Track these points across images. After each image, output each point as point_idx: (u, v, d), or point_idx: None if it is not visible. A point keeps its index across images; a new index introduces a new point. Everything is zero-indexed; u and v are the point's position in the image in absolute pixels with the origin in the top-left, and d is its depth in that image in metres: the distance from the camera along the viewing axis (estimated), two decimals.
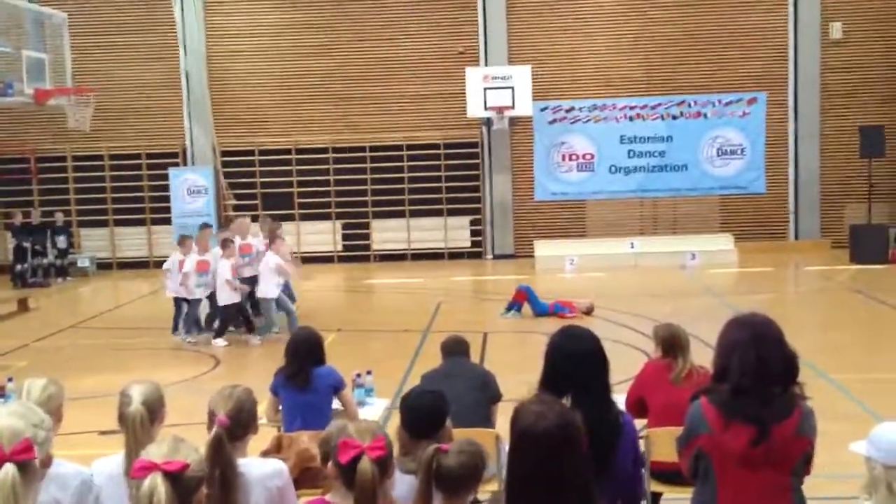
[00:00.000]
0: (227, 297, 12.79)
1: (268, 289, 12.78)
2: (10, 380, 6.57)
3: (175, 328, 13.35)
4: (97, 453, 3.79)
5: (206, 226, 14.50)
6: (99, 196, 22.04)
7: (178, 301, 13.27)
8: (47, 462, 2.47)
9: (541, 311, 13.84)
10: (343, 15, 21.58)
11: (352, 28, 21.62)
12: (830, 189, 21.22)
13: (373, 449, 2.80)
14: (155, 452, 2.52)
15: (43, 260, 20.42)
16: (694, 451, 3.53)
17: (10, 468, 2.29)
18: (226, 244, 13.06)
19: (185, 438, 2.64)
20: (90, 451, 4.12)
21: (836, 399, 8.75)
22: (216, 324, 13.13)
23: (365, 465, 2.77)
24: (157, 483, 2.42)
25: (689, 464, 3.61)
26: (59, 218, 20.84)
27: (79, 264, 21.22)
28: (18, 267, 19.83)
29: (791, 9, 20.90)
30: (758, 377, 3.39)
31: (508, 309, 14.07)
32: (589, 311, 13.81)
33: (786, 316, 13.50)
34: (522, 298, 14.05)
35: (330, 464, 2.95)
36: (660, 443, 5.24)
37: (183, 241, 13.48)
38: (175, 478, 2.45)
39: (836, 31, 20.80)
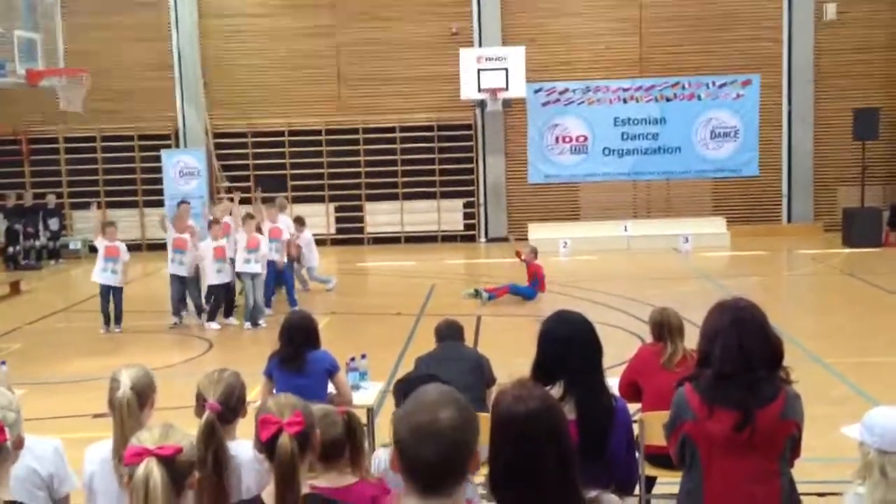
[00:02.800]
0: (213, 277, 12.79)
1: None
2: (2, 363, 6.53)
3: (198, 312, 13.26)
4: (90, 436, 3.78)
5: (183, 202, 14.52)
6: (91, 178, 21.93)
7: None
8: (19, 444, 2.48)
9: (529, 295, 13.89)
10: None
11: (345, 8, 21.50)
12: (824, 172, 21.23)
13: (291, 424, 2.79)
14: (147, 438, 2.53)
15: (35, 242, 20.34)
16: (680, 438, 3.54)
17: None
18: (212, 225, 13.05)
19: (174, 424, 2.64)
20: (83, 434, 4.12)
21: (829, 383, 8.79)
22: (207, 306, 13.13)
23: (284, 440, 2.76)
24: (151, 468, 2.43)
25: (675, 450, 3.62)
26: (51, 200, 20.74)
27: (70, 247, 21.14)
28: (10, 249, 19.75)
29: None
30: (740, 362, 3.39)
31: (477, 294, 14.10)
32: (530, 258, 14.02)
33: (778, 299, 13.62)
34: (504, 293, 14.10)
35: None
36: (653, 427, 5.25)
37: (214, 224, 13.35)
38: (168, 462, 2.47)
39: (831, 12, 20.74)
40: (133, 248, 21.28)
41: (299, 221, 15.23)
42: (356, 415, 3.55)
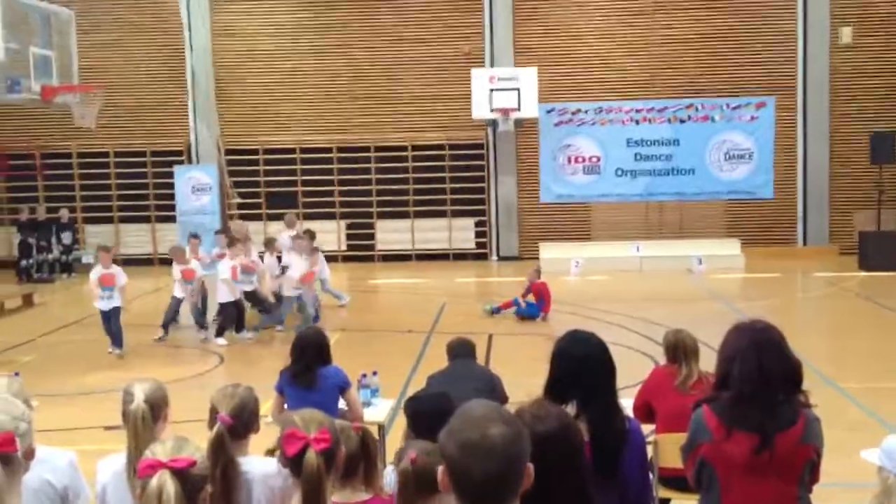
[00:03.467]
0: (224, 295, 12.78)
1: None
2: (16, 374, 6.53)
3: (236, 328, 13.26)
4: (101, 448, 3.76)
5: (194, 237, 14.80)
6: (104, 193, 22.05)
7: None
8: (30, 454, 2.46)
9: (531, 314, 13.96)
10: (349, 15, 21.56)
11: (358, 28, 21.60)
12: (839, 195, 21.15)
13: (318, 441, 2.77)
14: (160, 451, 2.51)
15: (48, 256, 20.43)
16: (697, 460, 3.50)
17: None
18: (232, 243, 13.07)
19: (187, 437, 2.63)
20: (94, 446, 4.09)
21: (846, 407, 8.70)
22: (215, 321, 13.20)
23: (311, 456, 2.73)
24: (165, 480, 2.42)
25: (693, 473, 3.57)
26: (65, 214, 20.85)
27: (83, 260, 21.19)
28: (23, 262, 19.85)
29: (800, 13, 20.84)
30: (759, 385, 3.36)
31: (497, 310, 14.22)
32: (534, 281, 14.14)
33: (793, 323, 13.52)
34: (508, 306, 14.20)
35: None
36: (668, 449, 5.21)
37: (233, 241, 13.45)
38: (182, 475, 2.45)
39: (846, 35, 20.73)
40: (144, 262, 21.45)
41: (309, 235, 15.24)
42: (371, 431, 3.52)
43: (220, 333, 12.91)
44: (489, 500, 2.16)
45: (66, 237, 20.71)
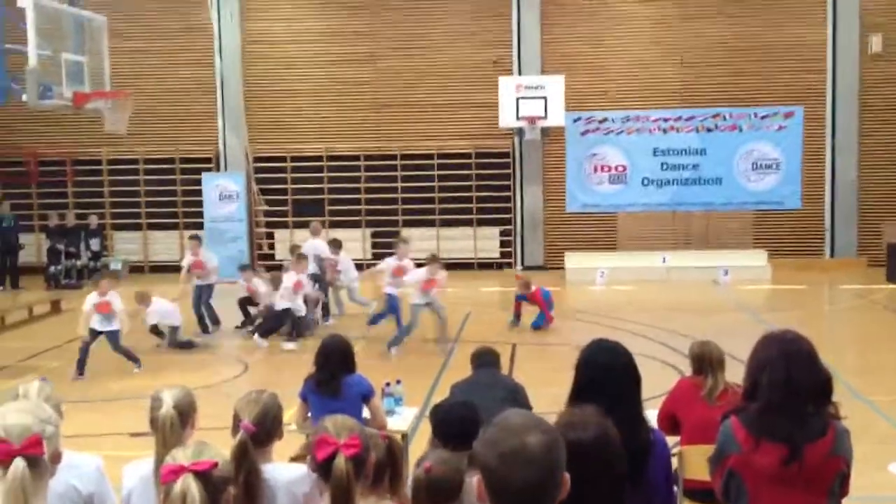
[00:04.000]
0: (284, 303, 13.14)
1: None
2: (43, 379, 6.59)
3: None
4: (127, 455, 3.79)
5: (194, 237, 15.31)
6: (133, 199, 22.24)
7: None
8: (56, 458, 2.49)
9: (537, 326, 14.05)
10: (378, 23, 21.65)
11: (386, 36, 21.68)
12: (868, 206, 20.92)
13: (348, 446, 2.79)
14: (181, 456, 2.54)
15: (76, 262, 20.63)
16: (725, 472, 3.47)
17: (20, 463, 2.32)
18: (299, 258, 13.72)
19: (208, 441, 2.65)
20: (120, 452, 4.12)
21: (874, 420, 8.60)
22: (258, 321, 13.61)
23: (340, 462, 2.75)
24: (189, 484, 2.44)
25: (721, 484, 3.54)
26: (93, 221, 21.05)
27: (111, 267, 21.38)
28: (52, 268, 20.05)
29: (830, 21, 20.68)
30: (788, 395, 3.33)
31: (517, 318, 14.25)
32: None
33: (820, 335, 13.37)
34: (518, 308, 14.27)
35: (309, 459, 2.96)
36: (693, 461, 5.17)
37: (299, 259, 13.81)
38: (205, 477, 2.48)
39: (876, 44, 20.52)
40: (172, 269, 21.52)
41: (335, 244, 15.32)
42: (397, 440, 3.52)
43: (264, 334, 13.24)
44: None
45: (95, 244, 20.90)
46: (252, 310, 14.39)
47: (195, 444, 2.63)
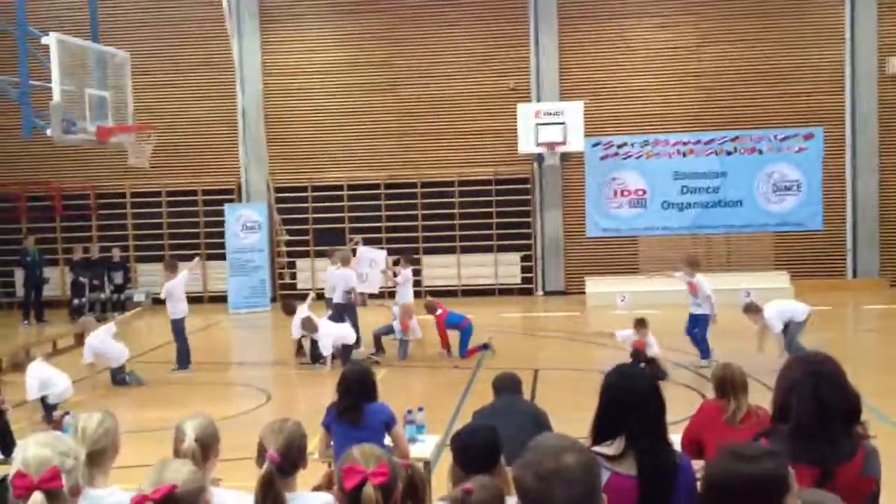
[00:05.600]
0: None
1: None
2: (67, 413, 6.65)
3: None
4: None
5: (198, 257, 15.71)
6: (156, 232, 22.43)
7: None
8: (76, 490, 2.49)
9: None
10: (395, 53, 21.83)
11: (405, 65, 21.85)
12: (890, 226, 20.78)
13: (376, 475, 2.79)
14: (146, 486, 2.56)
15: (100, 295, 20.80)
16: None
17: (38, 497, 2.32)
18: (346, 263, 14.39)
19: (169, 459, 2.67)
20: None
21: None
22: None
23: (368, 490, 2.76)
24: None
25: None
26: (116, 253, 21.24)
27: (134, 299, 21.55)
28: (76, 301, 20.21)
29: (848, 43, 20.66)
30: (818, 417, 3.31)
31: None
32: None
33: (844, 357, 13.10)
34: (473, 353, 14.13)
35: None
36: None
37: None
38: (168, 500, 2.49)
39: (893, 65, 20.48)
40: (194, 300, 21.65)
41: (407, 259, 15.88)
42: (420, 469, 3.52)
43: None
44: None
45: (118, 276, 21.09)
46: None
47: (155, 469, 2.64)
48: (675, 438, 5.19)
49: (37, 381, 10.86)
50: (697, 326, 13.00)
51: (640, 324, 12.45)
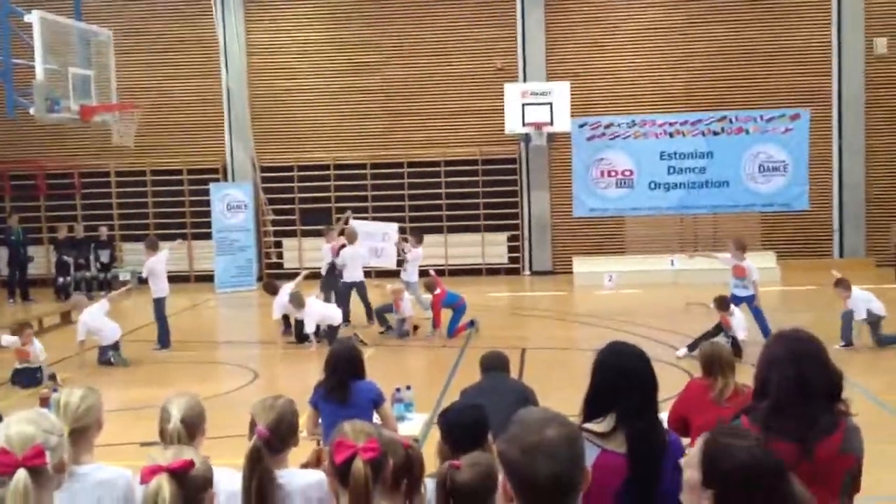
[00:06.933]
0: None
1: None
2: (55, 390, 6.63)
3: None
4: (138, 464, 3.78)
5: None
6: (141, 211, 22.31)
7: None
8: (60, 468, 2.47)
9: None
10: (381, 32, 21.70)
11: (390, 44, 21.73)
12: (876, 207, 20.88)
13: (366, 450, 2.80)
14: (160, 457, 2.57)
15: (85, 273, 20.70)
16: None
17: (22, 474, 2.30)
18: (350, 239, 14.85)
19: (190, 444, 2.67)
20: (131, 461, 4.12)
21: (888, 421, 8.56)
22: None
23: (358, 465, 2.76)
24: (161, 483, 2.48)
25: None
26: (103, 232, 21.13)
27: (120, 278, 21.44)
28: (61, 280, 20.12)
29: (835, 24, 20.67)
30: (798, 393, 3.31)
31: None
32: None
33: (830, 336, 13.31)
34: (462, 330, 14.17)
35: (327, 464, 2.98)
36: None
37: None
38: (180, 476, 2.50)
39: (881, 46, 20.51)
40: (181, 279, 21.64)
41: (416, 238, 15.77)
42: (419, 449, 3.50)
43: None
44: (553, 498, 2.22)
45: (104, 255, 20.99)
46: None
47: (176, 448, 2.66)
48: (662, 417, 5.20)
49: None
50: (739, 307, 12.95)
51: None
